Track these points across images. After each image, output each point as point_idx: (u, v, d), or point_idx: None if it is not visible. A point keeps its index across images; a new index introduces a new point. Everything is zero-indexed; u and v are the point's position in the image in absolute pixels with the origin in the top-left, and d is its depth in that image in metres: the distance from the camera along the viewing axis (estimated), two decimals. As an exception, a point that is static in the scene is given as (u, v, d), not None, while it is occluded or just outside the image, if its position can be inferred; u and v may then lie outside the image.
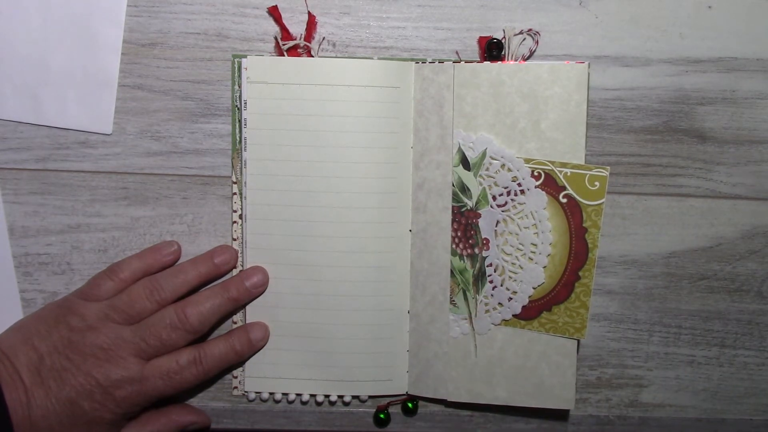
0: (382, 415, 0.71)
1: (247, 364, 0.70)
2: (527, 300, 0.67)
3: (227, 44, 0.68)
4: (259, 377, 0.70)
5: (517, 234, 0.66)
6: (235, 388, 0.70)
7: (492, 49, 0.67)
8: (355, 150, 0.67)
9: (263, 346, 0.69)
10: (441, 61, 0.67)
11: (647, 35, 0.68)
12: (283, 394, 0.70)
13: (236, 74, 0.67)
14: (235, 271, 0.69)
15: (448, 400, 0.70)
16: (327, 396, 0.70)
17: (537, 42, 0.67)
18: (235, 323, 0.70)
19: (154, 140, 0.68)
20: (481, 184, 0.67)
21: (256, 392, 0.70)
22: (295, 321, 0.69)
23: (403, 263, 0.69)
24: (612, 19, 0.68)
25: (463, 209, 0.67)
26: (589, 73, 0.65)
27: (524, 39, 0.67)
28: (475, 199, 0.67)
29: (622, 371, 0.72)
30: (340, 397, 0.70)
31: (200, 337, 0.67)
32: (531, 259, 0.66)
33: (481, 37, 0.67)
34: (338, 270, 0.68)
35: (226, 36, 0.68)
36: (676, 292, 0.71)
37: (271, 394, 0.70)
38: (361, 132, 0.66)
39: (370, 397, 0.71)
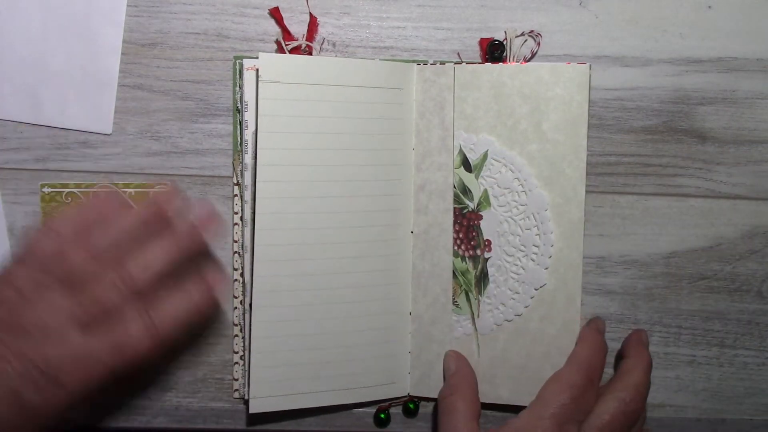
0: (382, 415, 0.71)
1: (256, 373, 0.67)
2: (530, 300, 0.67)
3: (227, 44, 0.68)
4: (263, 393, 0.67)
5: (518, 235, 0.66)
6: (236, 390, 0.70)
7: (493, 51, 0.67)
8: (356, 152, 0.66)
9: (223, 293, 0.63)
10: (442, 63, 0.67)
11: (647, 35, 0.68)
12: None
13: (237, 76, 0.67)
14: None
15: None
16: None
17: (539, 43, 0.67)
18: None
19: (154, 140, 0.68)
20: (482, 185, 0.67)
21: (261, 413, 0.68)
22: (296, 325, 0.68)
23: (404, 265, 0.69)
24: (612, 19, 0.68)
25: (465, 211, 0.67)
26: (590, 74, 0.64)
27: (525, 40, 0.67)
28: (476, 200, 0.67)
29: (622, 371, 0.72)
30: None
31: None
32: (533, 260, 0.66)
33: (482, 39, 0.67)
34: (339, 273, 0.68)
35: (226, 36, 0.68)
36: (676, 292, 0.71)
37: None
38: (364, 133, 0.66)
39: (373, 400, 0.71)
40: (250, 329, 0.68)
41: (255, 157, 0.65)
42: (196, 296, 0.59)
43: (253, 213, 0.66)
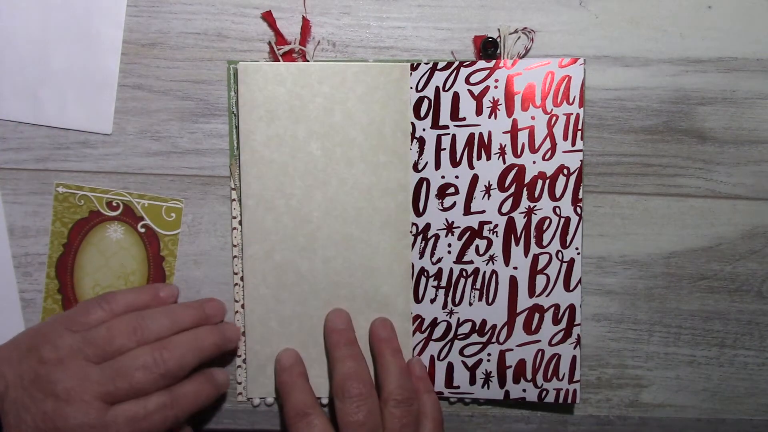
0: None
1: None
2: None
3: (227, 44, 0.68)
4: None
5: None
6: (240, 393, 0.70)
7: (487, 48, 0.67)
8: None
9: (226, 390, 0.69)
10: (437, 62, 0.67)
11: (647, 35, 0.68)
12: None
13: (232, 80, 0.67)
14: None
15: (452, 399, 0.71)
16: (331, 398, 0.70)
17: (532, 39, 0.67)
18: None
19: (154, 140, 0.68)
20: None
21: (261, 398, 0.70)
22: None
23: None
24: (612, 19, 0.68)
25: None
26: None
27: (519, 37, 0.67)
28: None
29: (622, 371, 0.72)
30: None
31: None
32: None
33: (476, 36, 0.67)
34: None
35: (225, 36, 0.68)
36: (676, 292, 0.71)
37: (276, 398, 0.70)
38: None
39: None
40: (244, 318, 0.70)
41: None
42: (204, 391, 0.65)
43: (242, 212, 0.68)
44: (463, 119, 0.67)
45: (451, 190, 0.67)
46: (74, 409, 0.58)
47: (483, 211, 0.67)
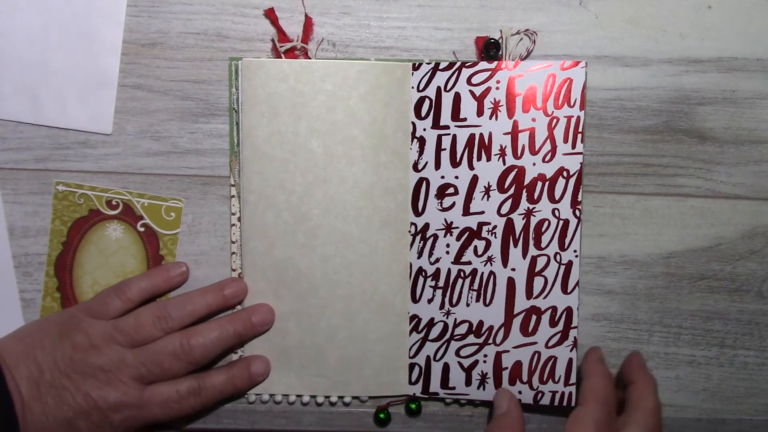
0: (382, 415, 0.71)
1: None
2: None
3: (227, 44, 0.68)
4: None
5: None
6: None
7: (489, 49, 0.67)
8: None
9: (263, 381, 0.69)
10: (438, 62, 0.67)
11: (647, 35, 0.68)
12: (284, 395, 0.70)
13: (233, 77, 0.67)
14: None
15: (448, 400, 0.71)
16: (327, 397, 0.70)
17: (534, 41, 0.67)
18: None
19: (154, 140, 0.68)
20: None
21: (257, 394, 0.70)
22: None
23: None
24: (612, 19, 0.68)
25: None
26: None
27: (521, 39, 0.67)
28: None
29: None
30: (341, 397, 0.70)
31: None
32: None
33: (478, 37, 0.67)
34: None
35: (225, 36, 0.68)
36: (676, 292, 0.71)
37: (271, 395, 0.70)
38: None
39: (371, 397, 0.71)
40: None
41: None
42: (237, 381, 0.68)
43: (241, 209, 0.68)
44: (464, 120, 0.67)
45: (451, 190, 0.68)
46: (113, 389, 0.63)
47: (482, 212, 0.67)
